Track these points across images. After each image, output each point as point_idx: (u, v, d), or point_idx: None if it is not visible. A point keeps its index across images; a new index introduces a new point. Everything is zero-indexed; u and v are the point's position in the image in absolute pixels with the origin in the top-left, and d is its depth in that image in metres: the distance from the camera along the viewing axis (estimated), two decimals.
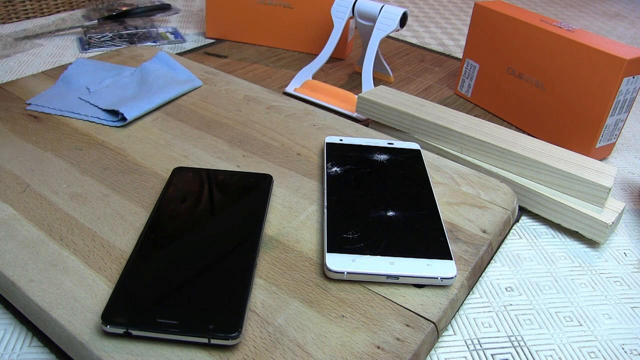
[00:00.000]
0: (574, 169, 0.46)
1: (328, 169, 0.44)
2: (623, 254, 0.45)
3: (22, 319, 0.35)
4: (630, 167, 0.59)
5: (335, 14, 0.69)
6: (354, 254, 0.35)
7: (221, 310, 0.30)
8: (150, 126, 0.51)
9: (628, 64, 0.51)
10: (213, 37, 0.85)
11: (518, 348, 0.36)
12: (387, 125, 0.56)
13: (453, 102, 0.71)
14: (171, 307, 0.30)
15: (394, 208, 0.40)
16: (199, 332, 0.29)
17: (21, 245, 0.35)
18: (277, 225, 0.39)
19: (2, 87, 0.56)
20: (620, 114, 0.56)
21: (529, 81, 0.62)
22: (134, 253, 0.34)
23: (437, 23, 1.08)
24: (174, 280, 0.32)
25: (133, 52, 0.67)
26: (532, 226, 0.48)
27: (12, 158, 0.45)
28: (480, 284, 0.41)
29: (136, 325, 0.29)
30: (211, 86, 0.60)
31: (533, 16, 0.62)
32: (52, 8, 0.93)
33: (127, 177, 0.43)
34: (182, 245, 0.35)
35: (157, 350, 0.29)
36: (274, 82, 0.72)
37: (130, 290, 0.31)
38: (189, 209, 0.38)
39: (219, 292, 0.31)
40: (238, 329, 0.29)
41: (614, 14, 1.25)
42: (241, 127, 0.52)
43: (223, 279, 0.32)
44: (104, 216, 0.39)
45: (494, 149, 0.49)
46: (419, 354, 0.31)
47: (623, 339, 0.37)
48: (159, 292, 0.31)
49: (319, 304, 0.33)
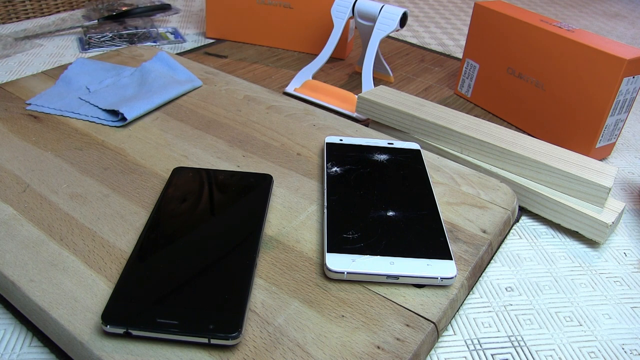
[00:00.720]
0: (574, 169, 0.46)
1: (328, 169, 0.44)
2: (623, 254, 0.45)
3: (22, 319, 0.35)
4: (630, 167, 0.59)
5: (335, 14, 0.69)
6: (354, 254, 0.35)
7: (221, 310, 0.30)
8: (150, 126, 0.51)
9: (628, 64, 0.51)
10: (213, 37, 0.85)
11: (518, 348, 0.36)
12: (387, 125, 0.56)
13: (453, 102, 0.71)
14: (171, 307, 0.30)
15: (394, 208, 0.40)
16: (199, 332, 0.29)
17: (21, 245, 0.35)
18: (277, 225, 0.39)
19: (2, 87, 0.56)
20: (620, 114, 0.56)
21: (529, 81, 0.62)
22: (133, 253, 0.34)
23: (437, 23, 1.08)
24: (173, 280, 0.32)
25: (133, 52, 0.67)
26: (532, 226, 0.48)
27: (12, 158, 0.45)
28: (480, 284, 0.41)
29: (136, 325, 0.29)
30: (211, 86, 0.60)
31: (533, 16, 0.62)
32: (52, 8, 0.93)
33: (127, 177, 0.43)
34: (182, 245, 0.35)
35: (157, 350, 0.29)
36: (274, 82, 0.72)
37: (130, 290, 0.31)
38: (189, 209, 0.38)
39: (218, 292, 0.31)
40: (238, 329, 0.29)
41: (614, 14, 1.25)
42: (241, 127, 0.52)
43: (223, 279, 0.32)
44: (104, 216, 0.39)
45: (494, 149, 0.49)
46: (419, 354, 0.31)
47: (623, 339, 0.37)
48: (159, 292, 0.31)
49: (319, 304, 0.33)
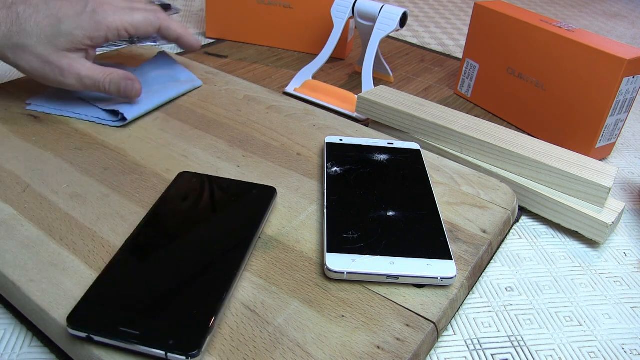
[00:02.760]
0: (574, 169, 0.46)
1: (328, 169, 0.44)
2: (623, 254, 0.45)
3: (22, 319, 0.35)
4: (630, 167, 0.59)
5: (335, 14, 0.69)
6: (354, 254, 0.35)
7: (185, 326, 0.29)
8: (150, 126, 0.51)
9: (628, 64, 0.51)
10: (213, 37, 0.85)
11: (518, 348, 0.36)
12: (387, 125, 0.56)
13: (453, 102, 0.71)
14: (137, 316, 0.29)
15: (394, 208, 0.40)
16: (157, 345, 0.28)
17: (21, 245, 0.35)
18: (277, 225, 0.39)
19: (2, 87, 0.56)
20: (620, 114, 0.56)
21: (529, 81, 0.62)
22: (114, 258, 0.33)
23: (437, 23, 1.08)
24: (146, 289, 0.31)
25: (133, 52, 0.67)
26: (532, 226, 0.48)
27: (12, 158, 0.45)
28: (480, 284, 0.41)
29: (98, 331, 0.28)
30: (211, 86, 0.60)
31: (533, 16, 0.62)
32: None
33: (127, 177, 0.43)
34: (164, 254, 0.34)
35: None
36: (274, 82, 0.72)
37: (101, 295, 0.30)
38: (181, 218, 0.37)
39: (187, 307, 0.30)
40: (197, 348, 0.27)
41: (614, 14, 1.25)
42: (241, 127, 0.52)
43: (196, 294, 0.31)
44: (104, 216, 0.39)
45: (494, 149, 0.49)
46: (419, 354, 0.31)
47: (623, 339, 0.37)
48: (128, 300, 0.30)
49: (319, 304, 0.33)
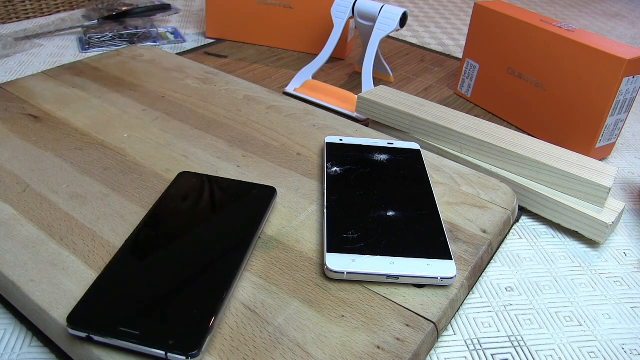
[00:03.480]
0: (574, 169, 0.46)
1: (328, 169, 0.44)
2: (623, 254, 0.45)
3: (22, 319, 0.35)
4: (630, 167, 0.59)
5: (335, 14, 0.69)
6: (354, 254, 0.35)
7: (185, 326, 0.29)
8: (150, 126, 0.51)
9: (628, 64, 0.51)
10: (213, 37, 0.85)
11: (518, 348, 0.36)
12: (387, 125, 0.56)
13: (453, 102, 0.71)
14: (137, 316, 0.29)
15: (394, 208, 0.40)
16: (157, 345, 0.28)
17: (21, 245, 0.35)
18: (277, 225, 0.39)
19: (2, 87, 0.56)
20: (620, 114, 0.56)
21: (529, 81, 0.62)
22: (114, 258, 0.33)
23: (437, 23, 1.08)
24: (146, 289, 0.31)
25: (133, 52, 0.67)
26: (532, 226, 0.48)
27: (12, 158, 0.45)
28: (480, 284, 0.41)
29: (97, 331, 0.28)
30: (211, 86, 0.60)
31: (533, 16, 0.62)
32: (52, 8, 0.93)
33: (127, 177, 0.43)
34: (163, 254, 0.34)
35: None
36: (274, 82, 0.72)
37: (101, 295, 0.30)
38: (180, 218, 0.37)
39: (187, 307, 0.30)
40: (197, 348, 0.28)
41: (614, 14, 1.25)
42: (241, 127, 0.52)
43: (196, 295, 0.31)
44: (104, 216, 0.39)
45: (494, 149, 0.49)
46: (419, 354, 0.31)
47: (623, 339, 0.37)
48: (128, 300, 0.30)
49: (319, 304, 0.33)
